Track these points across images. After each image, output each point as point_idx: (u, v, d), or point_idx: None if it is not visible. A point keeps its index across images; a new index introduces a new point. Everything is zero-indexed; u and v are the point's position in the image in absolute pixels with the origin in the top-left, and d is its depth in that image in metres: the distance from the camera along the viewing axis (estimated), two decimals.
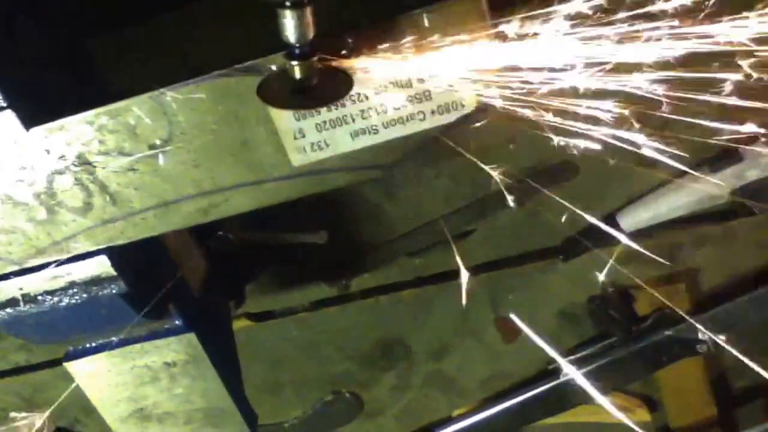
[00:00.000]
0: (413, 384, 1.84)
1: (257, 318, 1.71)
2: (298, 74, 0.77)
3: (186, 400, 1.23)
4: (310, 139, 0.86)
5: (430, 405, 1.88)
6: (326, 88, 0.80)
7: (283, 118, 0.84)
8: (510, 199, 0.98)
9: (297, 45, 0.73)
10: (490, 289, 1.66)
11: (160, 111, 0.84)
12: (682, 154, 0.81)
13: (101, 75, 0.99)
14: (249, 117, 0.84)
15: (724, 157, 1.36)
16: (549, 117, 0.80)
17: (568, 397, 1.69)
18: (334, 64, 0.79)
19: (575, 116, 0.80)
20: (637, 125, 0.79)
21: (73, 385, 1.19)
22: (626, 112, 0.78)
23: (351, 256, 1.60)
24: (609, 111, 0.79)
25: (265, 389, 1.84)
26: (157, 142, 0.86)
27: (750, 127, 0.80)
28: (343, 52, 0.79)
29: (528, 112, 0.79)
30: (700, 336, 1.57)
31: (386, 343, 1.76)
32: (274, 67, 0.80)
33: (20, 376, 1.80)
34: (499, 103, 0.80)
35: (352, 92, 0.82)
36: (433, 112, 0.83)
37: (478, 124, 0.84)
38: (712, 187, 1.42)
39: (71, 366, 1.17)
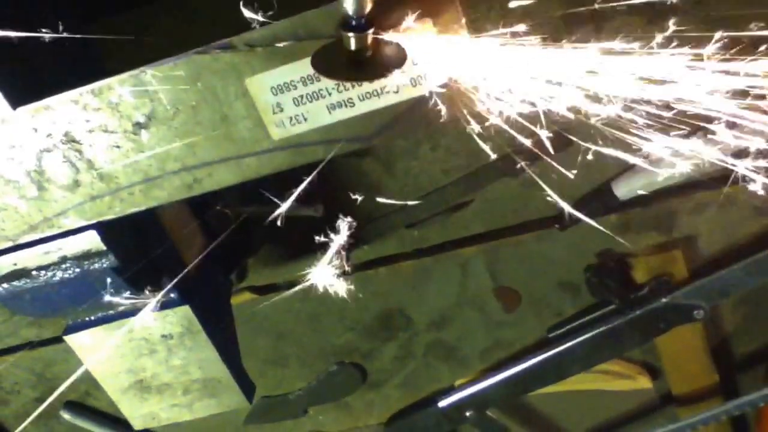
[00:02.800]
0: (415, 354, 1.87)
1: (260, 291, 1.73)
2: (353, 46, 0.79)
3: (183, 372, 1.26)
4: (289, 113, 0.88)
5: (432, 374, 1.90)
6: (380, 60, 0.82)
7: (262, 93, 0.87)
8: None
9: (354, 17, 0.76)
10: (489, 259, 1.69)
11: (141, 89, 0.87)
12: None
13: (87, 54, 1.02)
14: (228, 93, 0.87)
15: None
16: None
17: (568, 365, 1.71)
18: (386, 36, 0.81)
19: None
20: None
21: (83, 368, 1.23)
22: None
23: (350, 228, 1.62)
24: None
25: (271, 361, 1.87)
26: (140, 119, 0.89)
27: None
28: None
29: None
30: (696, 302, 1.58)
31: (387, 314, 1.79)
32: (246, 45, 0.82)
33: (31, 351, 1.84)
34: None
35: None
36: (405, 85, 0.85)
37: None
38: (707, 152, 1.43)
39: (71, 339, 1.21)
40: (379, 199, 1.55)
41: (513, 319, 1.79)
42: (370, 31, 0.78)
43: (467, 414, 1.80)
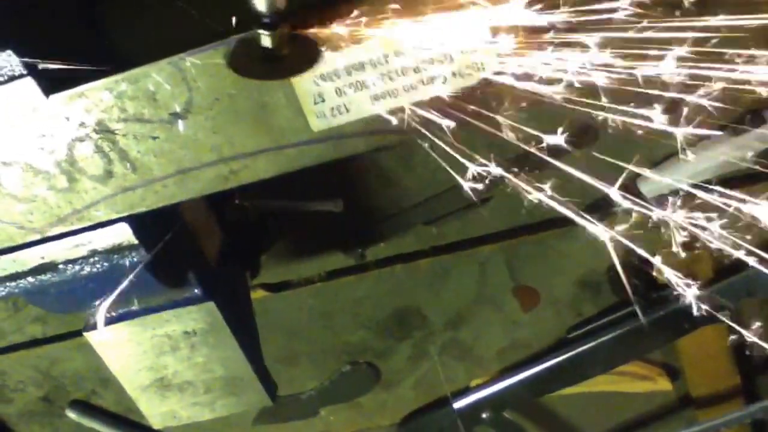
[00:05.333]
0: (430, 354, 1.86)
1: (273, 288, 1.73)
2: (268, 44, 0.78)
3: (206, 369, 1.25)
4: (330, 103, 0.87)
5: (448, 375, 1.90)
6: (296, 58, 0.82)
7: (303, 83, 0.86)
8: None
9: (266, 14, 0.75)
10: (508, 256, 1.68)
11: (179, 77, 0.86)
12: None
13: (121, 41, 1.01)
14: (268, 82, 0.86)
15: (746, 119, 1.37)
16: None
17: (588, 366, 1.71)
18: (306, 32, 0.81)
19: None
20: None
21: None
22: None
23: (367, 225, 1.62)
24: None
25: (282, 360, 1.86)
26: (177, 108, 0.88)
27: None
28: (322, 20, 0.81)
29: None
30: (722, 303, 1.58)
31: (402, 312, 1.78)
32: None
33: (37, 348, 1.83)
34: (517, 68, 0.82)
35: (373, 55, 0.83)
36: (454, 75, 0.85)
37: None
38: (734, 150, 1.42)
39: (91, 336, 1.20)
40: (397, 195, 1.54)
41: (531, 318, 1.79)
42: (284, 28, 0.77)
43: (483, 415, 1.79)
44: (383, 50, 0.84)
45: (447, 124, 0.86)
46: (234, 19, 0.81)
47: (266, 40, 0.77)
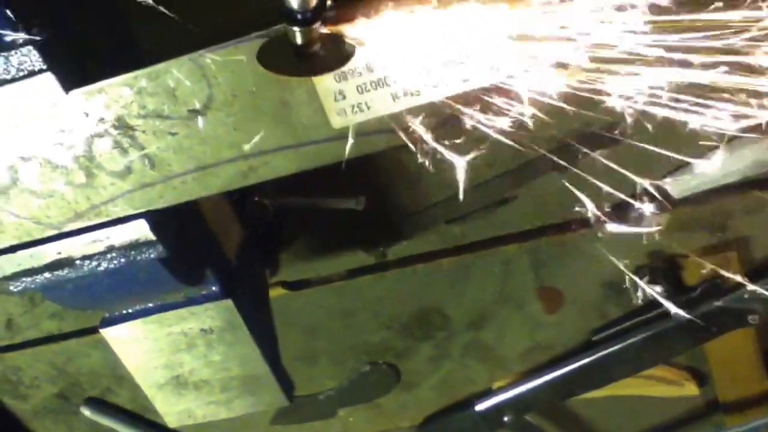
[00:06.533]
0: (451, 354, 1.87)
1: (293, 286, 1.74)
2: (299, 40, 0.79)
3: (222, 368, 1.26)
4: (351, 101, 0.88)
5: (469, 376, 1.90)
6: (328, 55, 0.82)
7: (324, 80, 0.87)
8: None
9: (299, 10, 0.75)
10: (532, 257, 1.68)
11: (199, 73, 0.87)
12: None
13: (141, 36, 1.02)
14: (289, 79, 0.87)
15: None
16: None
17: (613, 369, 1.71)
18: (338, 30, 0.81)
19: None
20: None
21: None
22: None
23: (389, 223, 1.62)
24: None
25: (300, 359, 1.88)
26: (197, 104, 0.89)
27: None
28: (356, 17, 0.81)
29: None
30: (751, 306, 1.58)
31: (424, 312, 1.79)
32: None
33: (53, 344, 1.85)
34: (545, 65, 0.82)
35: (394, 53, 0.84)
36: (475, 73, 0.85)
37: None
38: (765, 151, 1.42)
39: (107, 332, 1.21)
40: (420, 193, 1.55)
41: (555, 320, 1.79)
42: (317, 25, 0.77)
43: (505, 418, 1.80)
44: (405, 48, 0.84)
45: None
46: (262, 15, 0.82)
47: (297, 36, 0.78)
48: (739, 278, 1.61)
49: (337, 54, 0.82)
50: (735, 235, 1.60)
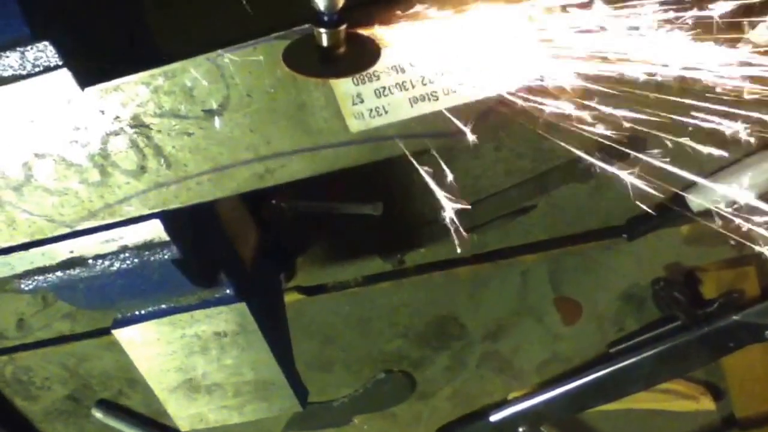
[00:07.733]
0: (468, 365, 1.86)
1: (308, 292, 1.73)
2: (325, 42, 0.78)
3: (235, 372, 1.25)
4: (369, 104, 0.87)
5: (485, 387, 1.89)
6: (354, 58, 0.81)
7: (342, 83, 0.86)
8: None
9: (326, 12, 0.74)
10: (550, 267, 1.67)
11: (217, 73, 0.86)
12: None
13: (158, 35, 1.01)
14: (307, 81, 0.86)
15: None
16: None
17: (629, 382, 1.70)
18: (364, 32, 0.80)
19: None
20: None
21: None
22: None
23: (406, 230, 1.62)
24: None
25: (315, 366, 1.87)
26: (214, 105, 0.88)
27: None
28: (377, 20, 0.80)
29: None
30: None
31: (441, 321, 1.78)
32: None
33: (65, 345, 1.84)
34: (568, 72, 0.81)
35: (412, 58, 0.83)
36: (496, 79, 0.84)
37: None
38: None
39: (119, 333, 1.20)
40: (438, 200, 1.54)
41: (573, 331, 1.78)
42: (343, 27, 0.76)
43: (520, 430, 1.79)
44: (424, 52, 0.83)
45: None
46: (288, 17, 0.82)
47: (324, 38, 0.77)
48: (756, 293, 1.60)
49: (363, 56, 0.81)
50: (753, 250, 1.58)
